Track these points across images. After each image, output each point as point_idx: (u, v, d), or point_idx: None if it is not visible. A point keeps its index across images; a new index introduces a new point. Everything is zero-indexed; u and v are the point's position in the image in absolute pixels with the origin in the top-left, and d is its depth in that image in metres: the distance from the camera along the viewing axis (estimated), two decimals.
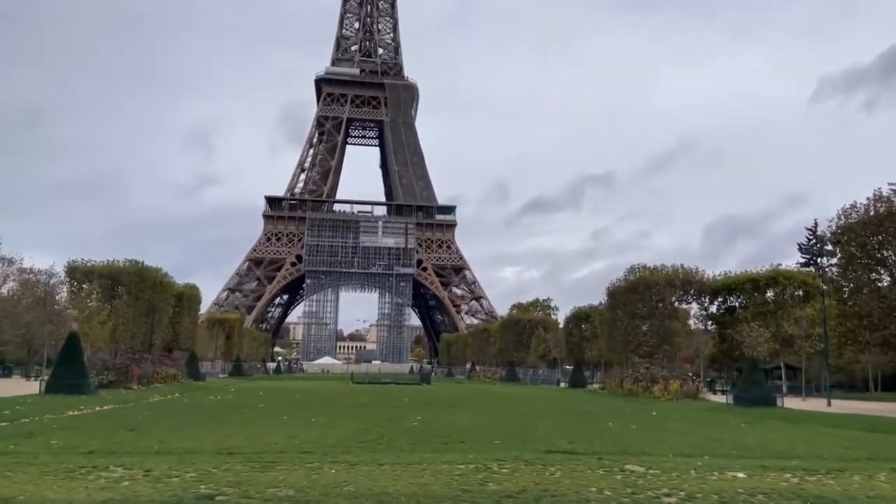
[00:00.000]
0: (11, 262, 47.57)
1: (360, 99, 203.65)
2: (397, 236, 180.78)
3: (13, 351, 67.07)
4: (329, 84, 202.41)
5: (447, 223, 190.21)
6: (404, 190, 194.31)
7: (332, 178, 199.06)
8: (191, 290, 68.61)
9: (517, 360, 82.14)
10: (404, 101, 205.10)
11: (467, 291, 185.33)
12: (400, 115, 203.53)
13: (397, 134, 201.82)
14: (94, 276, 51.77)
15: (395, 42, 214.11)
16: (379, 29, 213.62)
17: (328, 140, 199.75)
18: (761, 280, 51.54)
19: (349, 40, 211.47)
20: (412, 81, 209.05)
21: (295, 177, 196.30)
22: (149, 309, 55.68)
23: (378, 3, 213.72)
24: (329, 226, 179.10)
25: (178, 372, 51.27)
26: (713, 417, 25.52)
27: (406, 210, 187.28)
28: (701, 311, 55.01)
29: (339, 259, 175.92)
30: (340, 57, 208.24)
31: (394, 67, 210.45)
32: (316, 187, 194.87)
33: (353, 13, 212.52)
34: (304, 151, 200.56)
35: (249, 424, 18.63)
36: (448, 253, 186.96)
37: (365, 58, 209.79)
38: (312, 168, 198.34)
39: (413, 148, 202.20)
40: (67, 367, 32.85)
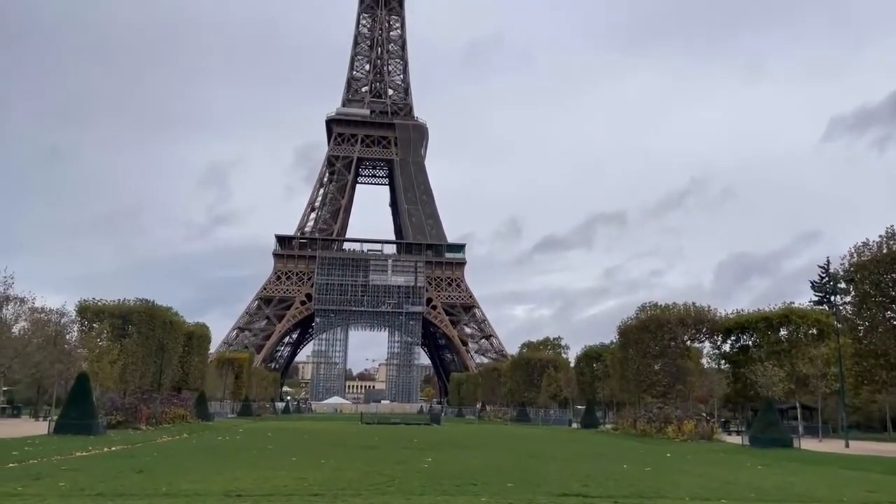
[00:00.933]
0: (23, 302, 47.66)
1: (370, 139, 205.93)
2: (407, 275, 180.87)
3: (23, 391, 67.06)
4: (339, 124, 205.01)
5: (457, 261, 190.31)
6: (414, 228, 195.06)
7: (342, 216, 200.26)
8: (200, 330, 68.61)
9: (528, 399, 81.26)
10: (414, 140, 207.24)
11: (477, 330, 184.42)
12: (410, 155, 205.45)
13: (407, 173, 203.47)
14: (104, 316, 51.89)
15: (405, 83, 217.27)
16: (389, 70, 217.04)
17: (339, 179, 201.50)
18: (774, 318, 51.02)
19: (360, 81, 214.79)
20: (422, 121, 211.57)
21: (305, 216, 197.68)
22: (158, 348, 55.63)
23: (388, 45, 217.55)
24: (339, 264, 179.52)
25: (187, 412, 50.96)
26: (729, 459, 25.04)
27: (416, 248, 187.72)
28: (714, 350, 54.49)
29: (349, 297, 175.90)
30: (351, 98, 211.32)
31: (404, 108, 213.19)
32: (326, 226, 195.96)
33: (364, 55, 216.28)
34: (315, 190, 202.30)
35: (258, 466, 18.41)
36: (458, 291, 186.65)
37: (375, 98, 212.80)
38: (323, 207, 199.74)
39: (423, 187, 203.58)
40: (76, 408, 32.72)
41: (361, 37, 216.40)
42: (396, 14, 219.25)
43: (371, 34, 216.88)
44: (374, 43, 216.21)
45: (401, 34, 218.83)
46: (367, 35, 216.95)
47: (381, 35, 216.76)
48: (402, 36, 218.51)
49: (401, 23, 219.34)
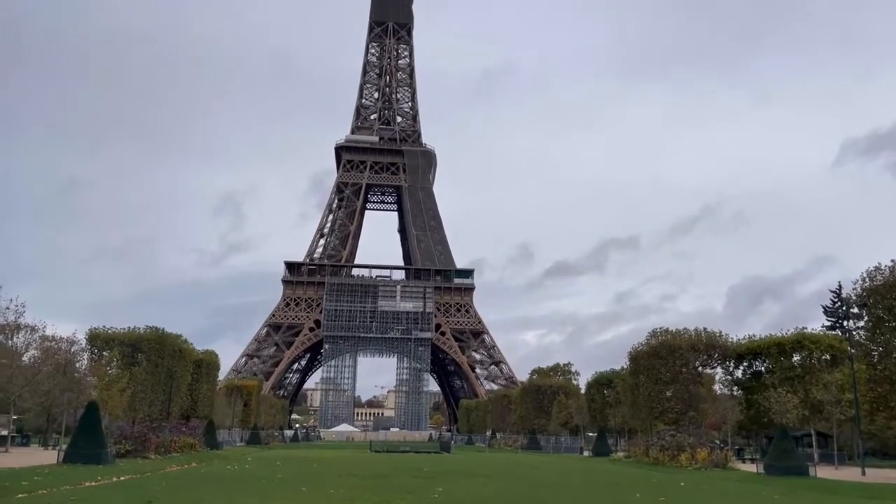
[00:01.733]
0: (34, 330, 47.85)
1: (378, 165, 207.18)
2: (415, 300, 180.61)
3: (32, 419, 66.98)
4: (348, 151, 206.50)
5: (465, 287, 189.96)
6: (422, 254, 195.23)
7: (350, 243, 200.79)
8: (209, 357, 68.56)
9: (538, 427, 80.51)
10: (422, 167, 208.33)
11: (486, 356, 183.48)
12: (418, 181, 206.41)
13: (415, 199, 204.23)
14: (114, 344, 52.01)
15: (414, 110, 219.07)
16: (398, 98, 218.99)
17: (347, 206, 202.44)
18: (787, 344, 50.46)
19: (368, 109, 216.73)
20: (430, 148, 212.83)
21: (314, 242, 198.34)
22: (168, 376, 55.59)
23: (397, 73, 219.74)
24: (347, 291, 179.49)
25: (196, 441, 50.72)
26: (744, 488, 24.64)
27: (424, 274, 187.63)
28: (726, 376, 53.90)
29: (358, 324, 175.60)
30: (360, 125, 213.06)
31: (412, 135, 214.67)
32: (335, 252, 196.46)
33: (373, 84, 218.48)
34: (324, 217, 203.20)
35: (268, 496, 18.26)
36: (466, 317, 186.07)
37: (384, 126, 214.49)
38: (332, 233, 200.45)
39: (431, 213, 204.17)
40: (86, 437, 32.66)
41: (370, 65, 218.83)
42: (405, 43, 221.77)
43: (380, 63, 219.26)
44: (383, 71, 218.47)
45: (409, 62, 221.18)
46: (375, 64, 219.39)
47: (390, 63, 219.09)
48: (411, 64, 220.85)
49: (409, 51, 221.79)
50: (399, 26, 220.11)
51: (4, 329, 44.94)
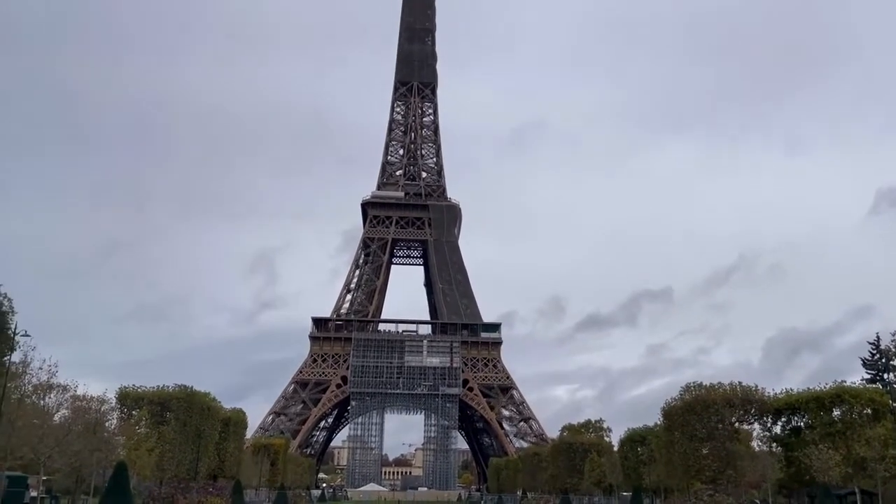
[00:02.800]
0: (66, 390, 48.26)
1: (404, 220, 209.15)
2: (442, 355, 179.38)
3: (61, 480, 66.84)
4: (374, 207, 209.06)
5: (492, 341, 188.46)
6: (448, 308, 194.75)
7: (377, 298, 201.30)
8: (237, 415, 68.42)
9: (571, 486, 78.42)
10: (447, 221, 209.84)
11: (515, 412, 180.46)
12: (443, 235, 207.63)
13: (441, 253, 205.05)
14: (143, 402, 52.23)
15: (438, 165, 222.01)
16: (422, 154, 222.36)
17: (374, 261, 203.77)
18: (826, 398, 48.92)
19: (394, 165, 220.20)
20: (455, 202, 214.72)
21: (342, 297, 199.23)
22: (196, 435, 55.48)
23: (422, 130, 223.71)
24: (374, 346, 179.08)
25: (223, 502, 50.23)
26: None
27: (451, 328, 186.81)
28: (764, 432, 52.25)
29: (384, 380, 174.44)
30: (386, 181, 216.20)
31: (437, 189, 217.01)
32: (362, 308, 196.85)
33: (398, 140, 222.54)
34: (351, 272, 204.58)
35: None
36: (494, 372, 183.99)
37: (409, 181, 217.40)
38: (358, 288, 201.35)
39: (457, 266, 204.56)
40: (114, 498, 32.58)
41: (395, 123, 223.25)
42: (429, 101, 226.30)
43: (405, 120, 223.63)
44: (408, 129, 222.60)
45: (433, 120, 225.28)
46: (400, 121, 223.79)
47: (415, 121, 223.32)
48: (435, 121, 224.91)
49: (433, 109, 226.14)
50: (423, 85, 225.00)
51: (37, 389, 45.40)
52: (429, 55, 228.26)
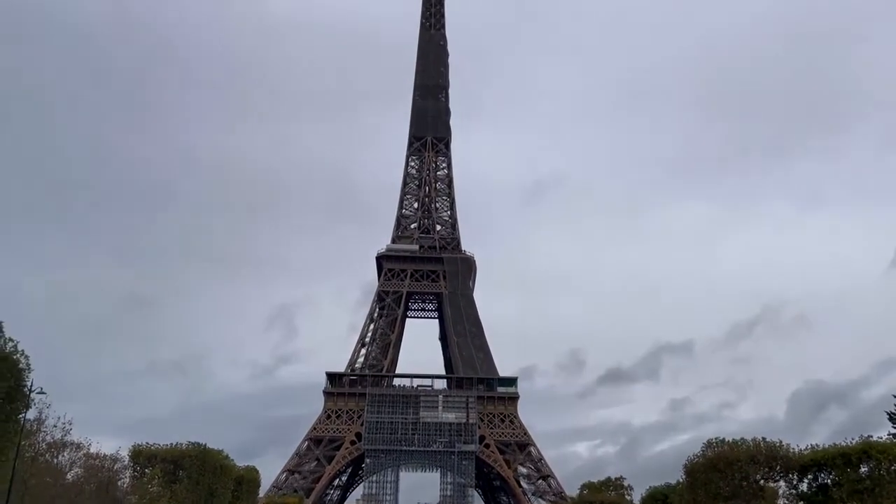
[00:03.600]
0: (79, 448, 48.05)
1: (419, 273, 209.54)
2: (458, 411, 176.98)
3: None
4: (389, 260, 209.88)
5: (509, 396, 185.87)
6: (464, 362, 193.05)
7: (391, 352, 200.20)
8: (250, 473, 67.53)
9: None
10: (462, 273, 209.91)
11: (533, 469, 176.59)
12: (458, 288, 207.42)
13: (455, 306, 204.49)
14: (156, 461, 51.78)
15: (452, 218, 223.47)
16: (437, 207, 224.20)
17: (389, 314, 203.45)
18: (853, 454, 47.59)
19: (408, 219, 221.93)
20: (469, 255, 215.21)
21: (356, 352, 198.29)
22: (208, 494, 54.72)
23: (436, 184, 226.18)
24: (389, 401, 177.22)
25: None
26: None
27: (466, 383, 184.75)
28: (790, 490, 50.73)
29: (399, 436, 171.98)
30: (401, 235, 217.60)
31: (451, 242, 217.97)
32: (376, 362, 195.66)
33: (413, 194, 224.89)
34: (365, 326, 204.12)
35: None
36: (511, 428, 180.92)
37: (424, 234, 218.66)
38: (373, 342, 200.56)
39: (472, 319, 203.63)
40: None
41: (410, 177, 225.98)
42: (443, 155, 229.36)
43: (419, 175, 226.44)
44: (423, 182, 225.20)
45: (447, 173, 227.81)
46: (415, 175, 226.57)
47: (429, 175, 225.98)
48: (449, 175, 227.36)
49: (447, 163, 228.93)
50: (437, 140, 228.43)
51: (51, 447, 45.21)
52: (442, 111, 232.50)
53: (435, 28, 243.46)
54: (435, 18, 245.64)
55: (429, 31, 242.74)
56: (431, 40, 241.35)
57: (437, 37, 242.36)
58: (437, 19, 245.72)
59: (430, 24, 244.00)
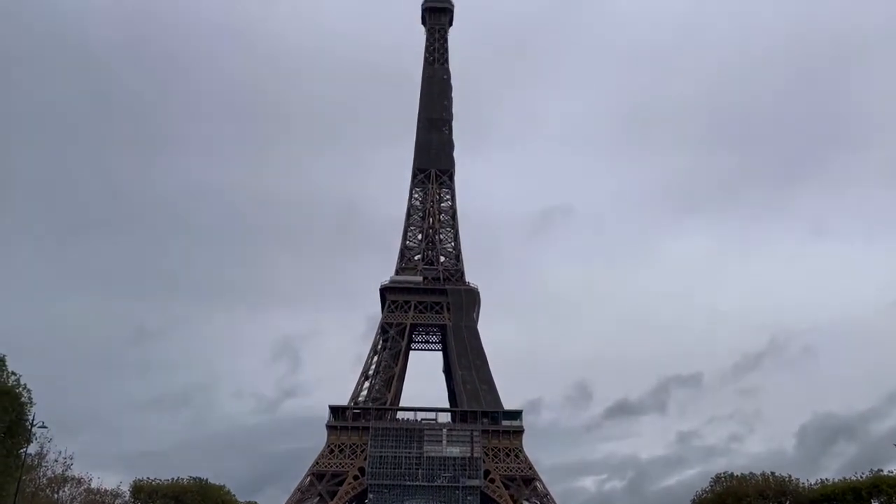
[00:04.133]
0: (80, 483, 47.60)
1: (422, 305, 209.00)
2: (462, 445, 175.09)
3: None
4: (393, 292, 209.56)
5: (514, 429, 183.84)
6: (468, 395, 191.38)
7: (395, 384, 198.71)
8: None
9: None
10: (466, 305, 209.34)
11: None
12: (462, 320, 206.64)
13: (460, 338, 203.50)
14: (157, 496, 51.21)
15: (456, 250, 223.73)
16: (440, 239, 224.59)
17: (392, 346, 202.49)
18: (863, 488, 46.87)
19: (412, 250, 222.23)
20: (473, 286, 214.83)
21: (359, 385, 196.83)
22: None
23: (439, 216, 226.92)
24: (392, 435, 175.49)
25: None
26: None
27: (471, 416, 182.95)
28: None
29: (403, 471, 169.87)
30: (405, 266, 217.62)
31: (455, 273, 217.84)
32: (380, 395, 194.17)
33: (417, 226, 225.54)
34: (369, 359, 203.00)
35: None
36: (516, 462, 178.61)
37: (427, 266, 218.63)
38: (376, 375, 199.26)
39: (476, 351, 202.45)
40: None
41: (414, 209, 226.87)
42: (447, 187, 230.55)
43: (423, 206, 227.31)
44: (426, 214, 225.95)
45: (451, 205, 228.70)
46: (419, 207, 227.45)
47: (433, 207, 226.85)
48: (453, 206, 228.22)
49: (451, 195, 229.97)
50: (441, 172, 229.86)
51: (51, 482, 44.77)
52: (446, 144, 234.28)
53: (438, 63, 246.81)
54: (438, 53, 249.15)
55: (432, 65, 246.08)
56: (435, 75, 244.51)
57: (440, 71, 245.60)
58: (441, 54, 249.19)
59: (434, 59, 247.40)
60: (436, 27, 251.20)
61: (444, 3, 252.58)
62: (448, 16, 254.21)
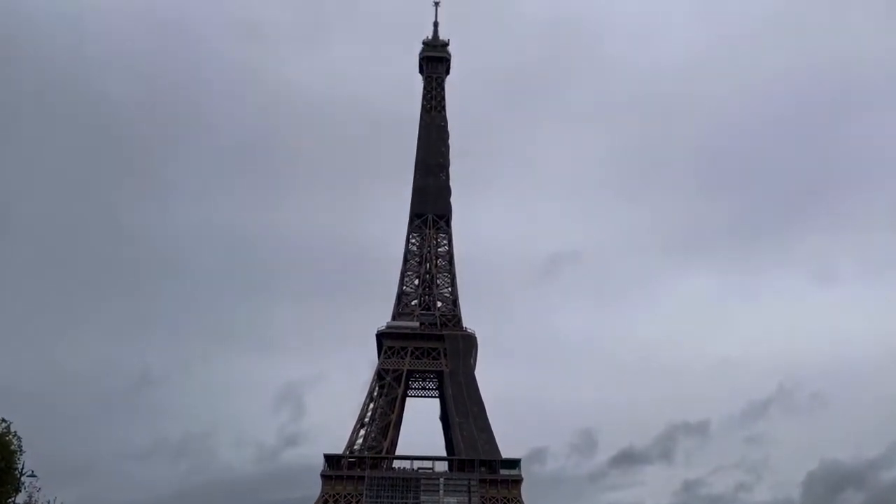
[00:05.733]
0: None
1: (419, 350, 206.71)
2: (460, 494, 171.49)
3: None
4: (389, 338, 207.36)
5: (512, 478, 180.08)
6: (466, 443, 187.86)
7: (391, 432, 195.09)
8: None
9: None
10: (463, 351, 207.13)
11: None
12: (459, 366, 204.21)
13: (457, 384, 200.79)
14: None
15: (454, 295, 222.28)
16: (437, 284, 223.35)
17: (388, 393, 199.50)
18: None
19: (409, 296, 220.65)
20: (470, 332, 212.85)
21: (355, 432, 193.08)
22: None
23: (437, 260, 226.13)
24: (388, 485, 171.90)
25: None
26: None
27: (468, 465, 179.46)
28: None
29: None
30: (401, 311, 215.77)
31: (452, 319, 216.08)
32: (375, 443, 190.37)
33: (413, 271, 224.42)
34: (364, 406, 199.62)
35: None
36: None
37: (424, 311, 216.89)
38: (372, 423, 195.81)
39: (474, 398, 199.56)
40: None
41: (410, 254, 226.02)
42: (444, 232, 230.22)
43: (420, 251, 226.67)
44: (423, 259, 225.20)
45: (448, 250, 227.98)
46: (416, 252, 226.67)
47: (430, 252, 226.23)
48: (450, 251, 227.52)
49: (448, 239, 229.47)
50: (438, 217, 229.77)
51: None
52: (443, 189, 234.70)
53: (436, 110, 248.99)
54: (436, 101, 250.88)
55: (429, 112, 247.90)
56: (432, 122, 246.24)
57: (437, 118, 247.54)
58: (438, 101, 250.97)
59: (431, 107, 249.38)
60: (433, 76, 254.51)
61: (440, 52, 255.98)
62: (445, 65, 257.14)
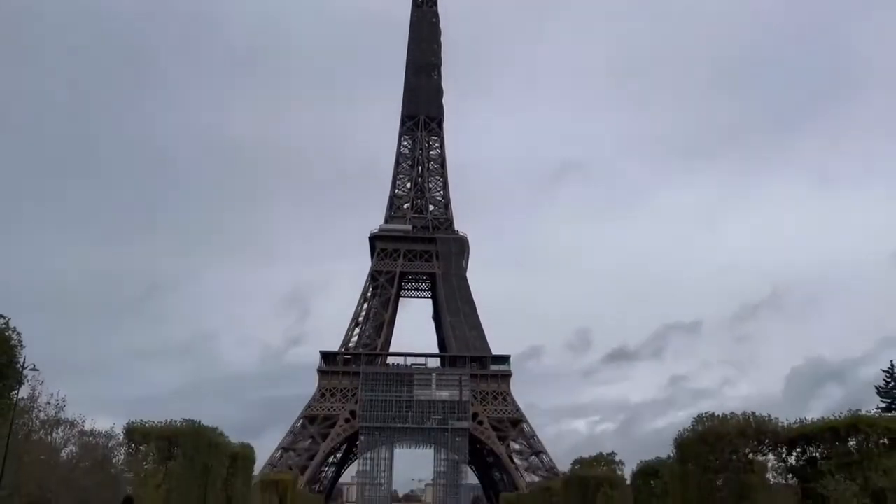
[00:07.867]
0: (74, 426, 48.15)
1: (412, 253, 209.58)
2: (451, 389, 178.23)
3: None
4: (382, 240, 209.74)
5: (502, 373, 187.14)
6: (457, 341, 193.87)
7: (385, 331, 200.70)
8: (244, 450, 67.48)
9: None
10: (455, 253, 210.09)
11: (526, 446, 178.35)
12: (451, 268, 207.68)
13: (449, 285, 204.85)
14: (151, 437, 51.74)
15: (445, 198, 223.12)
16: (430, 187, 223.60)
17: (382, 294, 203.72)
18: (841, 427, 47.80)
19: (402, 199, 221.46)
20: (462, 234, 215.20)
21: (350, 331, 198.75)
22: (203, 471, 54.87)
23: (429, 164, 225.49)
24: (383, 380, 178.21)
25: None
26: None
27: (459, 361, 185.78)
28: (778, 463, 51.26)
29: (393, 414, 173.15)
30: (394, 215, 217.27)
31: (444, 222, 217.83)
32: (370, 341, 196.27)
33: (405, 174, 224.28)
34: (359, 305, 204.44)
35: None
36: (504, 405, 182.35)
37: (417, 214, 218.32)
38: (367, 322, 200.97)
39: (465, 299, 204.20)
40: None
41: (402, 157, 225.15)
42: (436, 135, 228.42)
43: (412, 154, 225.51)
44: (415, 162, 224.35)
45: (440, 153, 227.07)
46: (408, 155, 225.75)
47: (422, 154, 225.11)
48: (442, 155, 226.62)
49: (440, 143, 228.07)
50: (430, 119, 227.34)
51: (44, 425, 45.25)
52: (435, 89, 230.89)
53: (427, 5, 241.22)
54: None
55: (420, 7, 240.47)
56: (423, 17, 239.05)
57: (428, 14, 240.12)
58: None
59: (422, 1, 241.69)
60: None
61: None
62: None
